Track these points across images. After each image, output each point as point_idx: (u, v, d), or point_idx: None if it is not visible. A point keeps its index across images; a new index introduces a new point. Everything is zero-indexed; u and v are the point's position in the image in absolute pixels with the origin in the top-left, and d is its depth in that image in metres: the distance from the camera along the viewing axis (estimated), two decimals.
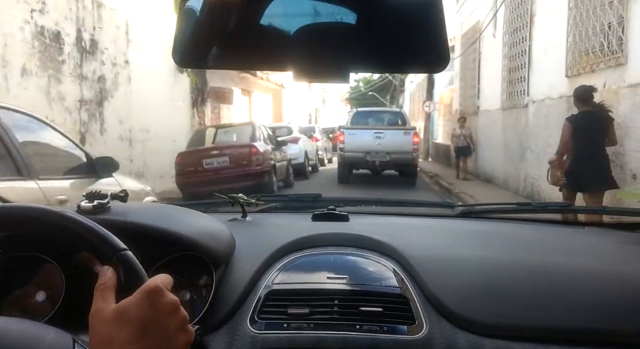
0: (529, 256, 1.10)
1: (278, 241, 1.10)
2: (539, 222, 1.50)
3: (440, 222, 1.51)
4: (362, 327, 0.89)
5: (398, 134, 11.38)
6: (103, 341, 0.56)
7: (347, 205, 1.58)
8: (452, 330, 0.88)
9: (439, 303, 0.92)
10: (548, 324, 0.88)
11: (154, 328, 0.57)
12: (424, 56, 0.63)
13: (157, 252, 0.93)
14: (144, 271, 0.65)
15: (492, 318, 0.89)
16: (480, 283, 0.97)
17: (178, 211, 1.10)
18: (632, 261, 1.11)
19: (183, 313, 0.60)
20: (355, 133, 11.52)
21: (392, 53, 0.63)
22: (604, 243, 1.27)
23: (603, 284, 0.96)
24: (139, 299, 0.58)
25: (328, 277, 0.99)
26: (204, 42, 0.63)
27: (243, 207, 1.39)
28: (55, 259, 0.89)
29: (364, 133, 11.45)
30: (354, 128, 11.89)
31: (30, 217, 0.68)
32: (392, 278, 0.99)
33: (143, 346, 0.56)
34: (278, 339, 0.88)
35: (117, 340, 0.55)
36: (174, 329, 0.59)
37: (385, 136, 11.26)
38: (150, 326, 0.57)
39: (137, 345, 0.56)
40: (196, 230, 0.98)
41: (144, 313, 0.57)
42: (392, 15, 0.61)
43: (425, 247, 1.13)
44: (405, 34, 0.62)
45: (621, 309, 0.89)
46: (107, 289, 0.60)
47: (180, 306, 0.60)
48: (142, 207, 1.13)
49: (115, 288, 0.60)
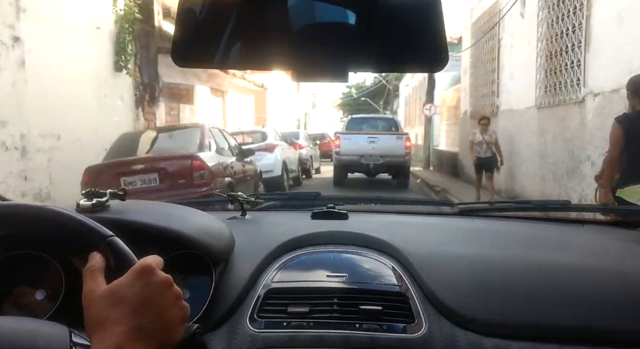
0: (528, 254, 1.10)
1: (277, 239, 1.10)
2: (538, 220, 1.51)
3: (440, 220, 1.50)
4: (361, 325, 0.89)
5: (391, 139, 12.10)
6: (97, 321, 0.57)
7: (347, 203, 1.59)
8: (451, 328, 0.88)
9: (438, 301, 0.92)
10: (547, 322, 0.88)
11: (147, 306, 0.58)
12: (424, 55, 0.63)
13: (156, 251, 0.87)
14: (133, 255, 0.66)
15: (492, 316, 0.89)
16: (480, 281, 0.97)
17: (177, 209, 1.10)
18: (631, 258, 1.11)
19: (176, 289, 0.62)
20: (350, 138, 12.15)
21: (391, 52, 0.63)
22: (604, 241, 1.26)
23: (603, 282, 0.96)
24: (131, 279, 0.59)
25: (327, 275, 0.99)
26: (204, 42, 0.63)
27: (242, 206, 1.38)
28: (54, 257, 0.88)
29: (359, 138, 12.07)
30: (350, 133, 12.51)
31: (24, 215, 0.70)
32: (391, 276, 0.99)
33: (137, 323, 0.57)
34: (278, 337, 0.88)
35: (111, 319, 0.56)
36: (168, 306, 0.60)
37: (379, 140, 11.94)
38: (143, 303, 0.58)
39: (131, 322, 0.56)
40: (195, 228, 0.98)
41: (136, 291, 0.58)
42: (392, 15, 0.61)
43: (425, 245, 1.13)
44: (405, 33, 0.62)
45: (621, 307, 0.89)
46: (96, 271, 0.61)
47: (173, 283, 0.62)
48: (141, 206, 1.08)
49: (105, 271, 0.62)
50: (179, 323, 0.61)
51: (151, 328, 0.57)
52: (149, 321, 0.57)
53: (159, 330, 0.58)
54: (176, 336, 0.60)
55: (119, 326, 0.55)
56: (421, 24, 0.60)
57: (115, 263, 0.64)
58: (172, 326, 0.60)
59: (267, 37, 0.61)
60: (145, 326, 0.57)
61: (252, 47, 0.62)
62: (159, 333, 0.58)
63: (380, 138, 12.00)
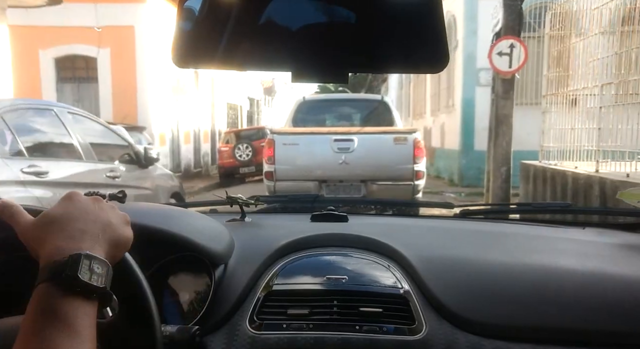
0: (528, 257, 1.10)
1: (277, 242, 1.10)
2: (539, 223, 1.49)
3: (440, 222, 1.50)
4: (361, 327, 0.89)
5: (383, 143, 5.85)
6: (38, 241, 0.59)
7: (346, 206, 1.60)
8: (451, 331, 0.89)
9: (438, 303, 0.92)
10: (547, 324, 0.88)
11: (80, 215, 0.61)
12: (424, 56, 0.63)
13: (156, 253, 0.93)
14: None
15: (492, 319, 0.89)
16: (480, 283, 0.97)
17: (177, 212, 1.10)
18: (632, 261, 1.11)
19: (110, 203, 0.66)
20: (297, 143, 5.89)
21: (391, 53, 0.63)
22: (604, 244, 1.26)
23: (603, 284, 0.96)
24: (58, 203, 0.63)
25: (327, 277, 0.99)
26: (203, 42, 0.63)
27: (242, 208, 1.38)
28: None
29: (316, 142, 5.91)
30: (296, 133, 6.17)
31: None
32: (391, 279, 0.99)
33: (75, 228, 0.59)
34: (277, 339, 0.88)
35: (50, 238, 0.58)
36: (100, 211, 0.63)
37: (358, 146, 5.79)
38: (75, 214, 0.61)
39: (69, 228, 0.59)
40: (195, 231, 0.98)
41: (64, 207, 0.61)
42: (392, 15, 0.62)
43: (425, 247, 1.13)
44: (405, 34, 0.62)
45: (621, 309, 0.89)
46: (15, 209, 0.63)
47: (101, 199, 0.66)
48: (140, 208, 1.10)
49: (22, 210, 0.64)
50: (122, 223, 0.65)
51: (91, 229, 0.60)
52: (87, 226, 0.60)
53: (101, 230, 0.61)
54: (126, 234, 0.64)
55: (60, 234, 0.58)
56: (421, 24, 0.61)
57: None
58: (115, 227, 0.63)
59: (266, 37, 0.62)
60: (84, 228, 0.59)
61: (252, 47, 0.62)
62: (103, 233, 0.61)
63: (360, 142, 5.81)
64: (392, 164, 5.77)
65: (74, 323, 0.52)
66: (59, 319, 0.52)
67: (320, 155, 5.84)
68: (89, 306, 0.55)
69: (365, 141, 5.86)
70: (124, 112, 11.19)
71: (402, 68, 0.70)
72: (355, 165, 5.74)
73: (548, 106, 5.88)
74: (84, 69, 11.83)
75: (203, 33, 0.62)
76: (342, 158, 5.75)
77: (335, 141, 5.80)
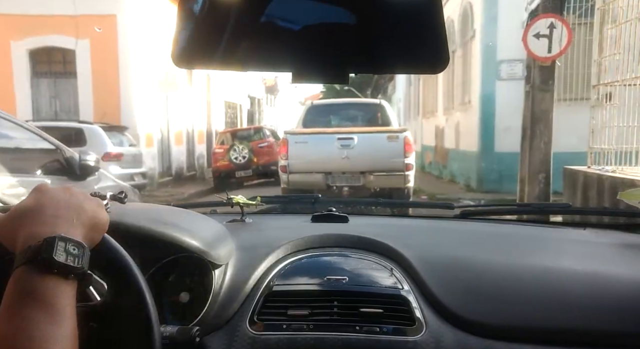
0: (528, 258, 1.10)
1: (277, 242, 1.11)
2: (539, 224, 1.50)
3: (440, 223, 1.52)
4: (361, 328, 0.90)
5: (378, 140, 7.08)
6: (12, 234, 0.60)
7: (347, 206, 1.60)
8: (451, 331, 0.89)
9: (438, 304, 0.93)
10: (548, 325, 0.88)
11: (51, 203, 0.62)
12: (424, 56, 0.63)
13: (156, 254, 0.93)
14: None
15: (492, 320, 0.90)
16: (480, 284, 0.97)
17: (177, 213, 1.11)
18: (633, 262, 1.11)
19: (84, 191, 0.68)
20: (307, 141, 7.21)
21: (391, 53, 0.63)
22: (605, 244, 1.26)
23: (604, 285, 0.96)
24: (28, 195, 0.64)
25: (328, 278, 1.00)
26: (203, 43, 0.63)
27: (242, 209, 1.39)
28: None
29: (322, 141, 7.18)
30: (306, 133, 7.51)
31: None
32: (391, 279, 1.00)
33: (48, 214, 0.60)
34: (278, 340, 0.89)
35: (24, 227, 0.59)
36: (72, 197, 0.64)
37: (358, 143, 7.04)
38: (45, 204, 0.62)
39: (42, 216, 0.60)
40: (195, 232, 0.98)
41: (37, 200, 0.62)
42: (392, 16, 0.62)
43: (425, 248, 1.14)
44: (405, 34, 0.62)
45: (623, 310, 0.89)
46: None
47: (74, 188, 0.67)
48: (140, 209, 1.10)
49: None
50: (96, 206, 0.67)
51: (64, 214, 0.61)
52: (59, 212, 0.61)
53: (75, 214, 0.62)
54: (100, 216, 0.66)
55: (34, 221, 0.60)
56: (421, 24, 0.61)
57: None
58: (89, 211, 0.64)
59: (266, 37, 0.62)
60: (56, 214, 0.61)
61: (252, 47, 0.62)
62: (77, 217, 0.62)
63: (360, 139, 7.09)
64: (386, 158, 6.98)
65: (52, 302, 0.54)
66: (37, 299, 0.54)
67: (326, 151, 7.12)
68: (67, 285, 0.56)
69: (363, 139, 7.14)
70: (105, 110, 10.09)
71: (403, 68, 0.70)
72: (356, 159, 7.00)
73: (601, 99, 4.77)
74: (61, 63, 10.67)
75: (203, 33, 0.62)
76: (344, 153, 7.04)
77: (338, 139, 7.10)
